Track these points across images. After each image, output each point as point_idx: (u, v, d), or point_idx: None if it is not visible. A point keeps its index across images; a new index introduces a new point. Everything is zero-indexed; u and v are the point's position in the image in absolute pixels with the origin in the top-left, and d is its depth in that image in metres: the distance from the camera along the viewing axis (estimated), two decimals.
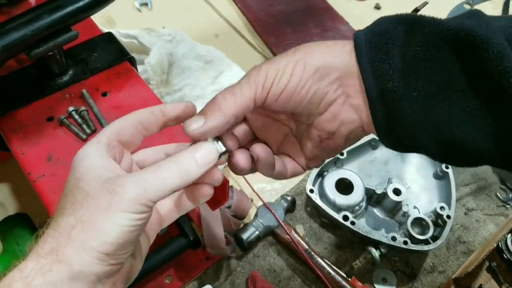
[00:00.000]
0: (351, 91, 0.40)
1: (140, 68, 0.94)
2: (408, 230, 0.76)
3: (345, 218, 0.77)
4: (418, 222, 0.78)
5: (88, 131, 0.62)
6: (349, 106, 0.41)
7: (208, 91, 0.90)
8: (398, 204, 0.79)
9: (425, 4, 1.06)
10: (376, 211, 0.82)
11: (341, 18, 1.15)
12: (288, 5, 1.18)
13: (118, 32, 0.97)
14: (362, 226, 0.80)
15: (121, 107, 0.66)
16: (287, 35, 1.10)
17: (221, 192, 0.64)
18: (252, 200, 0.83)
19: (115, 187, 0.34)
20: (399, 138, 0.40)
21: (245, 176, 0.85)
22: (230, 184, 0.84)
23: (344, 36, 1.09)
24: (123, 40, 0.97)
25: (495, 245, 0.75)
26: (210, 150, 0.39)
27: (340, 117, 0.41)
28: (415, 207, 0.82)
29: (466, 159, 0.39)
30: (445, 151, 0.39)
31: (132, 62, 0.72)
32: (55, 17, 0.60)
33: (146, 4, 1.14)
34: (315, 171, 0.82)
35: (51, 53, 0.64)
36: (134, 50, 0.98)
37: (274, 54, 1.07)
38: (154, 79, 0.89)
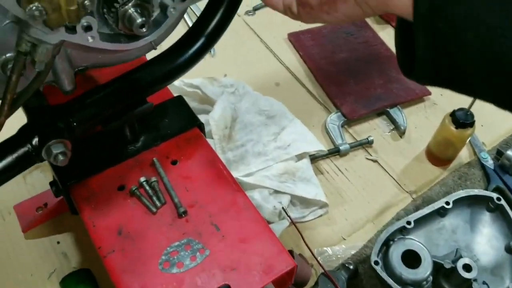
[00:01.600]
0: None
1: (202, 117, 0.94)
2: None
3: None
4: None
5: (158, 204, 0.62)
6: None
7: (270, 148, 0.89)
8: (468, 281, 0.75)
9: None
10: (443, 286, 0.78)
11: None
12: (350, 52, 1.15)
13: (183, 81, 0.98)
14: None
15: (190, 177, 0.65)
16: (349, 85, 1.08)
17: (289, 275, 0.62)
18: (312, 266, 0.81)
19: None
20: (438, 32, 0.37)
21: (305, 239, 0.83)
22: (290, 248, 0.83)
23: (408, 88, 1.05)
24: (186, 89, 0.98)
25: None
26: None
27: None
28: (484, 283, 0.78)
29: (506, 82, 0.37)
30: (487, 66, 0.37)
31: (201, 128, 0.71)
32: (132, 90, 0.61)
33: (209, 51, 1.14)
34: (380, 241, 0.79)
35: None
36: (197, 99, 0.98)
37: (336, 106, 1.05)
38: (217, 133, 0.89)
